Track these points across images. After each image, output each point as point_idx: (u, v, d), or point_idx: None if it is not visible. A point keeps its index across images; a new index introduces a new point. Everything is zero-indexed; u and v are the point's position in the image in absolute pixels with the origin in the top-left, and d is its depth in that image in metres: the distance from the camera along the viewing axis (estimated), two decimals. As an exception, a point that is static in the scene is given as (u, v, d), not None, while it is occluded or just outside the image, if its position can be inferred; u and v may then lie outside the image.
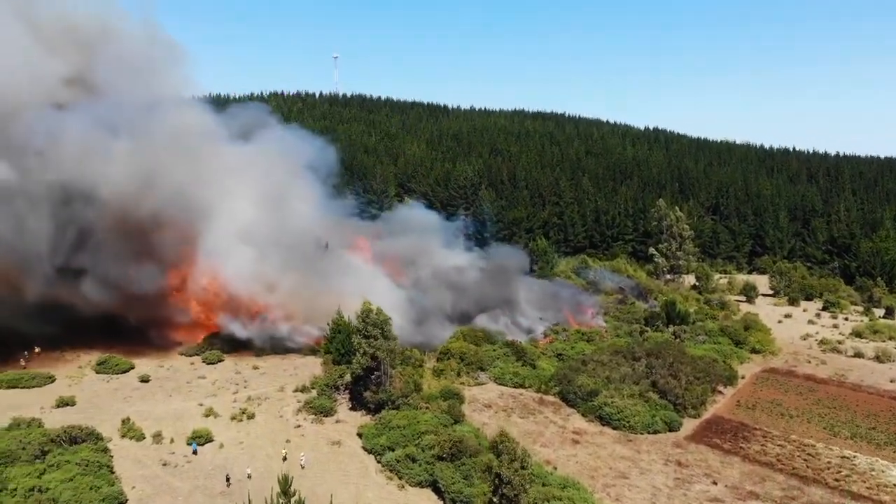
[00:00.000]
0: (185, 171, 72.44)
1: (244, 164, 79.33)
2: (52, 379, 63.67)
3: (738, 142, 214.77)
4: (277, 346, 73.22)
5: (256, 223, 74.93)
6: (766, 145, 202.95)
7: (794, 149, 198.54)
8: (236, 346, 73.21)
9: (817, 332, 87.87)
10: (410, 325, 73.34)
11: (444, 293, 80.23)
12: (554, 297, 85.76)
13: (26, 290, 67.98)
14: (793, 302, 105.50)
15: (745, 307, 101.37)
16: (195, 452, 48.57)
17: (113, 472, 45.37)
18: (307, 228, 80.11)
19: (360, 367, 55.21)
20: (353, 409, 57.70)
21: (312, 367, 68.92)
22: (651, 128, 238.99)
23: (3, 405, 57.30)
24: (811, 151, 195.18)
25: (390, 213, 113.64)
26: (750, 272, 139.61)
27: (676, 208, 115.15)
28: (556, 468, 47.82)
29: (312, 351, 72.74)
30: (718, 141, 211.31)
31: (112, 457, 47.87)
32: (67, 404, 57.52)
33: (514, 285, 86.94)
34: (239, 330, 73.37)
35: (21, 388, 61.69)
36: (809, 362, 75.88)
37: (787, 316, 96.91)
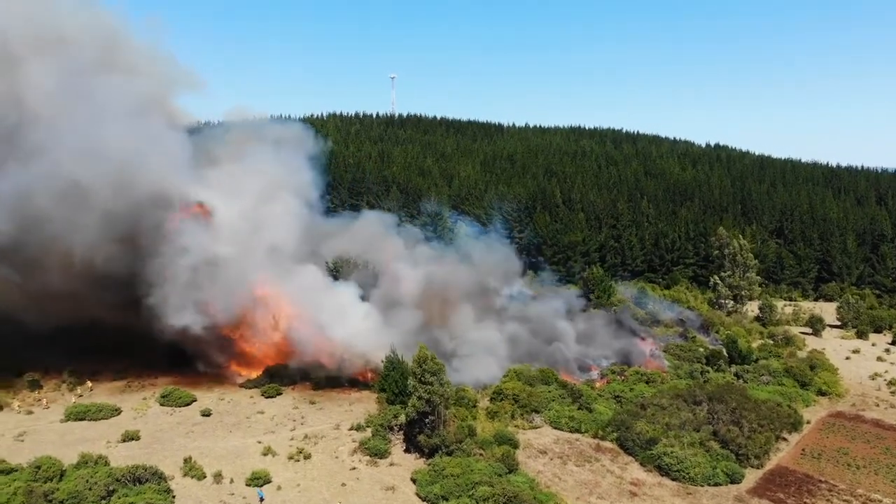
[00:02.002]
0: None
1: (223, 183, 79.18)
2: (118, 411, 65.71)
3: (803, 160, 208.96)
4: (333, 380, 74.01)
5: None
6: (833, 163, 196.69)
7: (862, 167, 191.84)
8: (294, 378, 74.35)
9: (886, 371, 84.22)
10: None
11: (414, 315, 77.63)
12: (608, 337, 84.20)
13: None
14: (861, 335, 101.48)
15: (810, 340, 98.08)
16: (262, 500, 49.09)
17: (175, 515, 46.63)
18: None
19: (414, 410, 55.40)
20: (407, 451, 57.84)
21: (367, 402, 69.50)
22: (712, 144, 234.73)
23: (72, 438, 59.57)
24: (881, 170, 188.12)
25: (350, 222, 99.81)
26: (816, 299, 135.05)
27: (740, 236, 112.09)
28: (612, 524, 47.00)
29: (352, 383, 74.12)
30: (783, 159, 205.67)
31: (175, 496, 49.10)
32: (132, 438, 59.20)
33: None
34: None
35: (89, 419, 63.86)
36: (878, 405, 72.80)
37: (855, 351, 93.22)
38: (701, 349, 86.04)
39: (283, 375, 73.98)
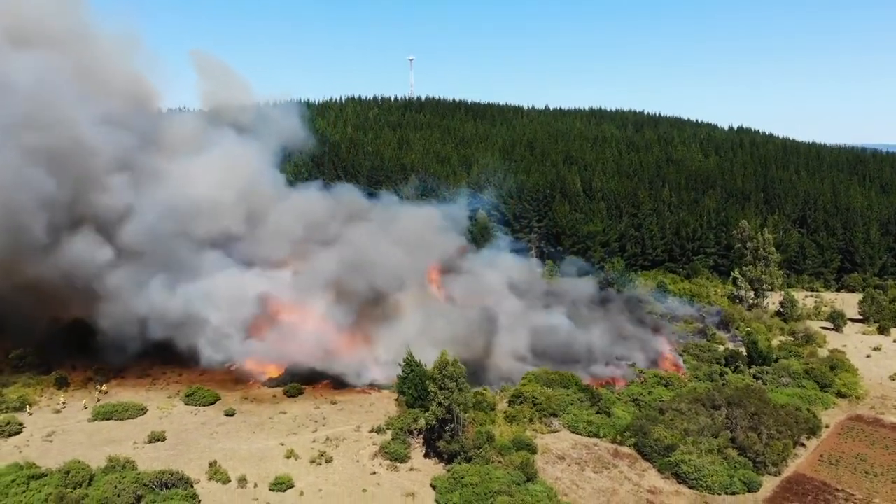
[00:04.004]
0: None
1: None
2: (144, 410, 67.05)
3: (828, 143, 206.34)
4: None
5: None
6: (859, 144, 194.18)
7: (887, 152, 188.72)
8: (315, 376, 75.16)
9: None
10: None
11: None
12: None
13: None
14: (882, 330, 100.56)
15: (831, 336, 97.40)
16: None
17: (201, 522, 47.89)
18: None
19: (434, 417, 56.08)
20: (426, 455, 58.62)
21: (387, 402, 70.31)
22: (735, 127, 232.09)
23: (100, 438, 60.99)
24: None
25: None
26: (838, 290, 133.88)
27: (765, 230, 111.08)
28: (629, 536, 47.54)
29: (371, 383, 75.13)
30: (808, 143, 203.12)
31: (200, 501, 50.31)
32: (158, 439, 60.42)
33: None
34: None
35: (116, 419, 65.19)
36: (898, 408, 72.49)
37: (876, 349, 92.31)
38: (721, 347, 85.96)
39: (304, 373, 74.72)
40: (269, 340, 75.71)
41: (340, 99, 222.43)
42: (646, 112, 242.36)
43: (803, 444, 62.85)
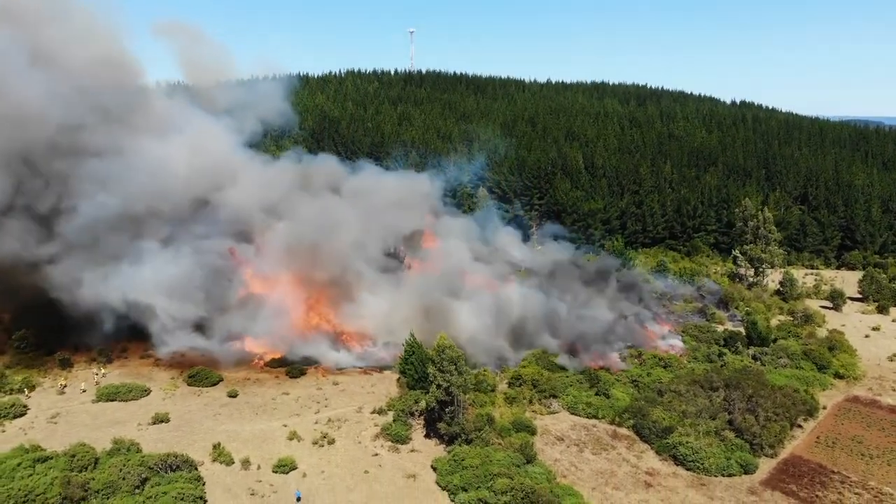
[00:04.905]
0: None
1: None
2: (147, 391, 67.73)
3: (831, 118, 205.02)
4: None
5: None
6: (863, 116, 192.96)
7: (889, 127, 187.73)
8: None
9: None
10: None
11: None
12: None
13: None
14: (882, 310, 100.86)
15: (830, 315, 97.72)
16: (298, 500, 49.99)
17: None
18: None
19: (434, 399, 56.67)
20: (427, 436, 59.36)
21: (388, 382, 70.92)
22: (738, 102, 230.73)
23: (104, 420, 61.78)
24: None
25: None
26: (838, 267, 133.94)
27: (766, 208, 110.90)
28: (627, 518, 48.28)
29: None
30: (810, 118, 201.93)
31: (205, 483, 51.05)
32: (162, 421, 61.24)
33: None
34: None
35: (120, 400, 65.92)
36: (895, 390, 72.99)
37: (875, 328, 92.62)
38: (720, 328, 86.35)
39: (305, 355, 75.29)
40: (225, 325, 76.57)
41: (340, 72, 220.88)
42: (648, 86, 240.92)
43: (800, 426, 63.45)
